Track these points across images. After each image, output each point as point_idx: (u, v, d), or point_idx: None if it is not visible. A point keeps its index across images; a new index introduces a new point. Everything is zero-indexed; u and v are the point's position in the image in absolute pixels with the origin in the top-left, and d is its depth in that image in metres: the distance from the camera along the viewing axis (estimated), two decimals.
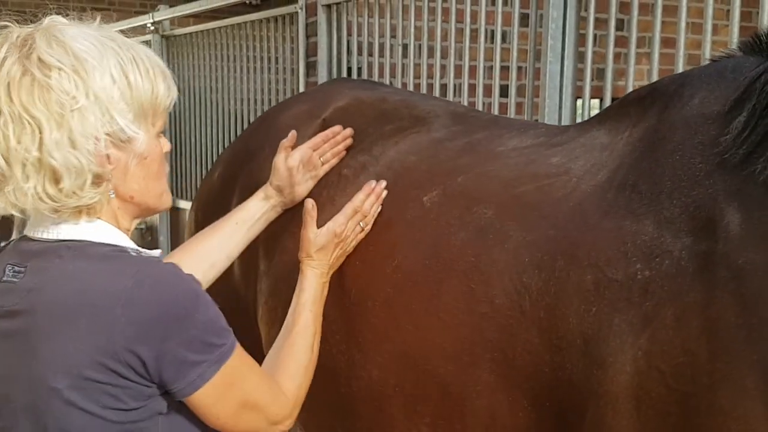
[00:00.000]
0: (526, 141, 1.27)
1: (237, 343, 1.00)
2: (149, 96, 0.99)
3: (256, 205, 1.43)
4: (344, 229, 1.28)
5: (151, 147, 1.01)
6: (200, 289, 0.97)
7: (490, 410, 1.09)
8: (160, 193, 1.06)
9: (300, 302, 1.23)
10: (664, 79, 1.17)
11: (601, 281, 0.98)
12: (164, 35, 3.71)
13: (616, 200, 1.03)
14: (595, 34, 1.92)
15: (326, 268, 1.27)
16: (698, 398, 0.89)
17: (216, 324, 0.97)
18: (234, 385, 0.99)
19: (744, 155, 0.94)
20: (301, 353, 1.16)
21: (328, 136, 1.48)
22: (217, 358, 0.96)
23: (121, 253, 0.97)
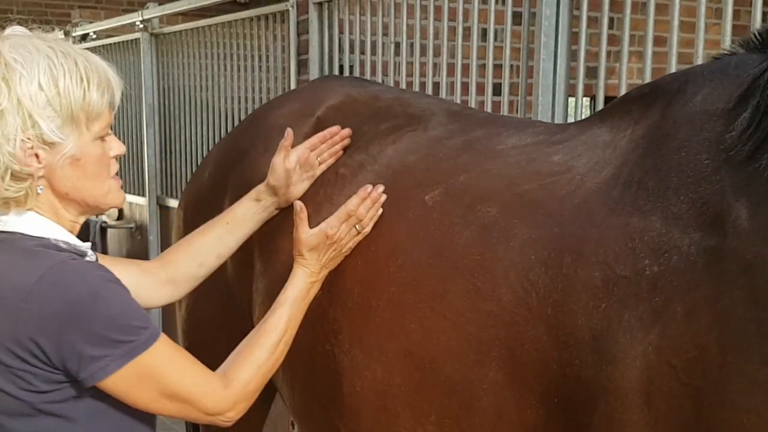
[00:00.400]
0: (526, 139, 1.26)
1: (157, 340, 1.05)
2: (80, 103, 1.05)
3: (248, 206, 1.43)
4: (336, 231, 1.27)
5: (85, 150, 1.08)
6: (103, 289, 1.02)
7: (498, 408, 1.08)
8: (102, 193, 1.12)
9: (279, 299, 1.24)
10: (667, 77, 1.17)
11: (609, 278, 0.98)
12: (153, 33, 3.66)
13: (622, 197, 1.02)
14: (588, 32, 1.92)
15: (317, 267, 1.27)
16: (710, 392, 0.89)
17: (119, 321, 1.03)
18: (150, 377, 1.05)
19: (750, 152, 0.93)
20: (261, 350, 1.17)
21: (326, 137, 1.46)
22: (123, 353, 1.02)
23: (43, 250, 1.05)
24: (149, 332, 1.04)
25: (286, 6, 2.80)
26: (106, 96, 1.08)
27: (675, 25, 1.72)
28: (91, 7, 6.07)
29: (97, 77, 1.06)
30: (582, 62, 1.90)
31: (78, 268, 1.03)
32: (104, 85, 1.08)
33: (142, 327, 1.04)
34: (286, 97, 1.78)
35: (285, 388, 1.47)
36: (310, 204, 1.40)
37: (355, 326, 1.26)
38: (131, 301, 1.06)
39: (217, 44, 3.26)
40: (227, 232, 1.40)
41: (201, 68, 3.40)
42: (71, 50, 1.07)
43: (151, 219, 3.71)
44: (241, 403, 1.14)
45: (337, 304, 1.29)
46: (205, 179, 1.76)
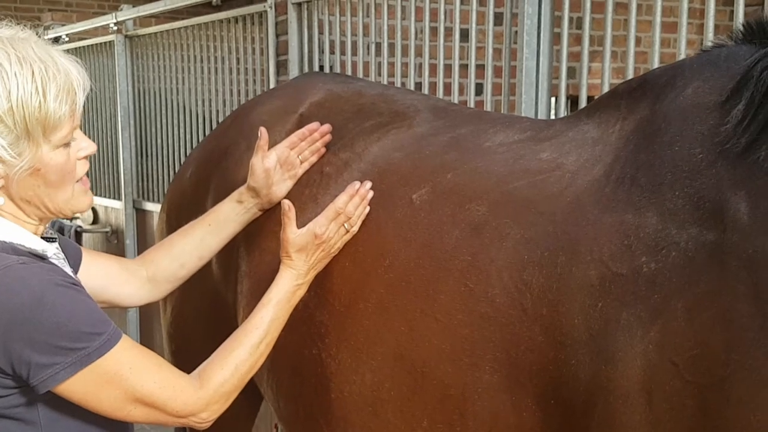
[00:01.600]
0: (513, 136, 1.21)
1: (116, 343, 1.00)
2: (36, 115, 0.99)
3: (230, 207, 1.38)
4: (325, 230, 1.21)
5: (44, 160, 1.02)
6: (49, 294, 0.97)
7: (493, 411, 1.03)
8: (65, 200, 1.07)
9: (263, 300, 1.19)
10: (655, 71, 1.13)
11: (606, 276, 0.94)
12: (128, 35, 3.56)
13: (616, 194, 0.98)
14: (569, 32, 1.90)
15: (304, 269, 1.21)
16: (715, 390, 0.85)
17: (67, 328, 0.97)
18: (109, 383, 1.00)
19: (747, 144, 0.90)
20: (240, 350, 1.12)
21: (305, 134, 1.40)
22: (74, 361, 0.97)
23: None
24: (105, 337, 0.99)
25: (264, 7, 2.74)
26: (65, 104, 1.00)
27: (658, 23, 1.70)
28: (62, 9, 5.94)
29: (55, 85, 0.99)
30: (564, 61, 1.88)
31: (24, 273, 0.97)
32: (63, 91, 1.00)
33: (95, 333, 0.98)
34: (268, 94, 1.72)
35: (270, 393, 1.41)
36: (295, 204, 1.34)
37: (342, 329, 1.20)
38: (84, 305, 1.00)
39: (194, 46, 3.19)
40: (209, 233, 1.35)
41: (177, 70, 3.32)
42: (29, 54, 0.99)
43: (127, 223, 3.60)
44: (215, 404, 1.08)
45: (324, 306, 1.24)
46: (188, 179, 1.69)
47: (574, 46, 2.09)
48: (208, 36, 3.10)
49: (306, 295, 1.24)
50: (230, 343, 1.13)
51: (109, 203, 3.79)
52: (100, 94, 3.81)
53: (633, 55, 1.75)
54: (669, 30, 2.12)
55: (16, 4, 5.86)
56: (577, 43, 1.91)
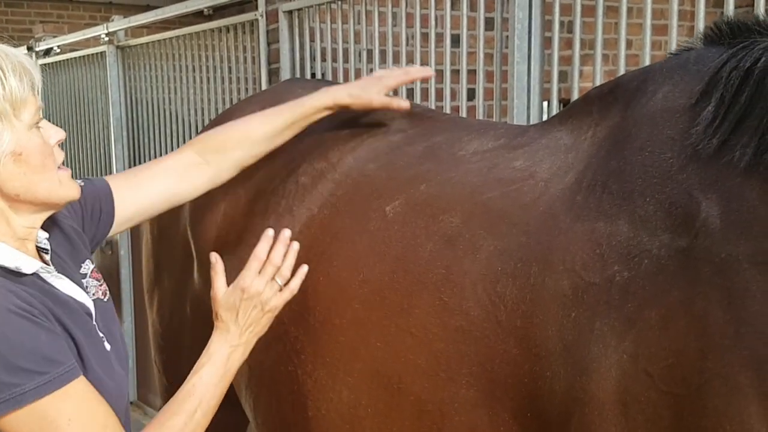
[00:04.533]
0: (487, 144, 1.22)
1: (61, 387, 0.93)
2: (2, 93, 0.97)
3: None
4: (251, 283, 1.13)
5: (22, 142, 0.99)
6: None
7: (470, 426, 1.03)
8: (54, 185, 1.03)
9: (195, 367, 1.12)
10: (625, 76, 1.13)
11: (578, 286, 0.94)
12: (119, 46, 3.62)
13: (587, 202, 0.98)
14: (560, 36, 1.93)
15: (236, 332, 1.13)
16: (690, 399, 0.84)
17: (6, 360, 0.91)
18: (44, 428, 0.93)
19: (718, 145, 0.90)
20: (175, 419, 1.06)
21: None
22: (7, 397, 0.91)
23: None
24: (47, 378, 0.93)
25: (255, 15, 2.77)
26: (25, 79, 0.99)
27: (648, 25, 1.72)
28: (53, 21, 6.03)
29: (10, 63, 0.98)
30: (555, 65, 1.90)
31: None
32: (20, 69, 0.99)
33: (35, 371, 0.92)
34: (248, 101, 1.73)
35: (248, 410, 1.41)
36: (272, 216, 1.37)
37: (318, 345, 1.21)
38: (31, 339, 0.93)
39: (185, 56, 3.23)
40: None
41: (169, 80, 3.36)
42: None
43: (121, 234, 3.65)
44: None
45: (299, 322, 1.24)
46: None
47: (565, 49, 2.10)
48: (199, 45, 3.14)
49: (281, 312, 1.25)
50: (166, 413, 1.08)
51: None
52: (93, 105, 3.86)
53: (624, 58, 1.77)
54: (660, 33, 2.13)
55: (7, 17, 5.97)
56: (568, 47, 1.93)
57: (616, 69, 1.76)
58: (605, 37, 1.86)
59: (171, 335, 1.74)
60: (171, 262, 1.70)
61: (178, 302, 1.65)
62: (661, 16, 2.47)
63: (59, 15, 6.33)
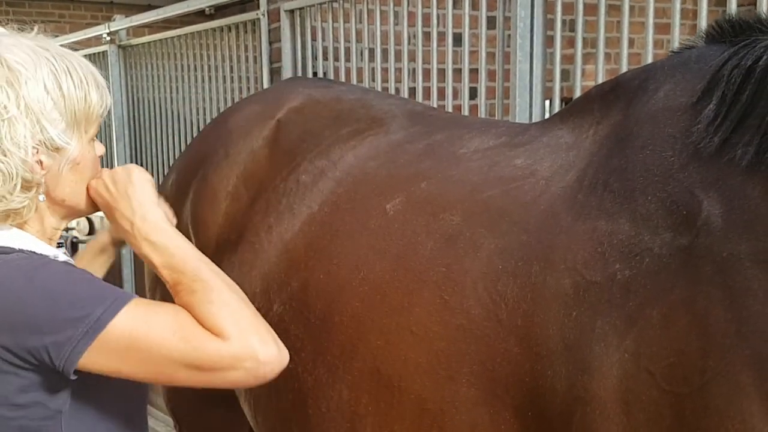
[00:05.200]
0: (488, 142, 1.21)
1: (125, 305, 0.94)
2: (82, 105, 1.02)
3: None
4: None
5: (83, 153, 1.05)
6: (40, 271, 0.95)
7: (471, 425, 1.02)
8: None
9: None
10: (627, 74, 1.12)
11: (579, 284, 0.93)
12: (121, 45, 3.62)
13: (588, 201, 0.98)
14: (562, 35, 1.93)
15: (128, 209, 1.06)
16: (692, 399, 0.84)
17: (65, 298, 0.94)
18: (131, 348, 0.94)
19: (719, 143, 0.90)
20: (211, 283, 0.98)
21: None
22: (86, 329, 0.93)
23: (3, 256, 0.99)
24: (109, 301, 0.95)
25: (257, 14, 2.78)
26: (104, 99, 1.05)
27: (651, 24, 1.72)
28: (55, 21, 6.06)
29: (93, 79, 1.04)
30: (558, 64, 1.90)
31: (19, 262, 0.98)
32: (101, 87, 1.05)
33: (96, 296, 0.95)
34: (248, 100, 1.73)
35: (247, 408, 1.40)
36: (272, 214, 1.36)
37: (318, 343, 1.20)
38: (79, 276, 0.98)
39: (187, 55, 3.24)
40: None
41: (171, 80, 3.37)
42: (63, 50, 1.03)
43: None
44: (254, 336, 0.94)
45: (299, 320, 1.24)
46: (170, 187, 1.70)
47: (567, 48, 2.10)
48: (201, 45, 3.14)
49: (281, 308, 1.25)
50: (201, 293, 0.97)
51: None
52: None
53: (626, 56, 1.77)
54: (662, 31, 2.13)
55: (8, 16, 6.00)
56: (571, 46, 1.92)
57: (618, 68, 1.75)
58: (607, 36, 1.86)
59: None
60: None
61: None
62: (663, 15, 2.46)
63: (61, 14, 6.35)
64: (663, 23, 2.01)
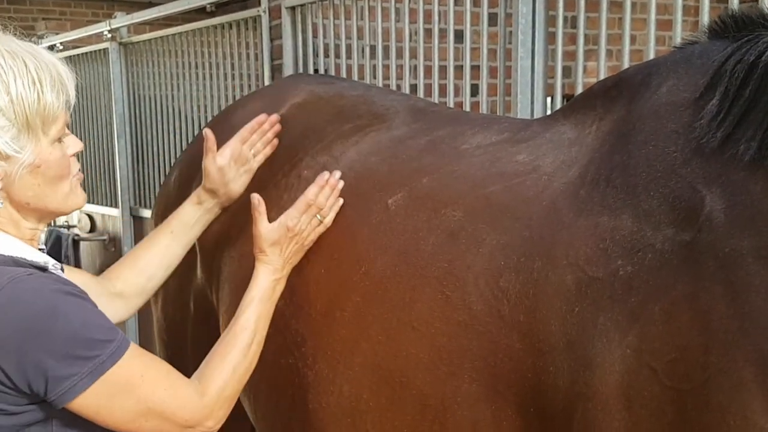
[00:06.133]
0: (490, 137, 1.21)
1: (126, 350, 1.00)
2: (36, 107, 0.99)
3: (191, 210, 1.39)
4: (297, 222, 1.22)
5: (44, 155, 1.02)
6: (62, 303, 0.97)
7: (473, 421, 1.02)
8: (63, 196, 1.07)
9: (245, 301, 1.19)
10: (629, 70, 1.12)
11: (582, 280, 0.93)
12: (122, 42, 3.62)
13: (591, 196, 0.98)
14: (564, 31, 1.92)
15: (280, 263, 1.22)
16: (694, 395, 0.84)
17: (82, 335, 0.97)
18: (121, 393, 0.99)
19: (722, 139, 0.89)
20: (233, 353, 1.12)
21: (254, 127, 1.42)
22: (91, 369, 0.96)
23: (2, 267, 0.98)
24: (115, 344, 0.99)
25: (258, 11, 2.77)
26: (61, 96, 1.02)
27: (653, 20, 1.72)
28: (55, 18, 6.05)
29: (49, 76, 1.00)
30: (560, 61, 1.90)
31: (33, 284, 0.97)
32: (58, 84, 1.01)
33: (106, 340, 0.98)
34: (250, 97, 1.73)
35: (247, 404, 1.40)
36: (274, 209, 1.36)
37: (318, 339, 1.20)
38: (93, 313, 1.00)
39: (188, 52, 3.23)
40: (173, 240, 1.36)
41: (172, 77, 3.36)
42: (17, 48, 1.00)
43: (124, 230, 3.64)
44: (220, 411, 1.08)
45: (300, 316, 1.23)
46: (172, 184, 1.71)
47: (569, 45, 2.10)
48: (202, 42, 3.14)
49: (281, 304, 1.25)
50: (222, 348, 1.13)
51: (106, 211, 3.83)
52: (96, 101, 3.87)
53: (628, 53, 1.76)
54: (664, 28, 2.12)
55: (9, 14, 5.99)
56: (572, 42, 1.92)
57: (620, 64, 1.75)
58: (609, 33, 1.86)
59: (175, 331, 1.74)
60: None
61: (182, 298, 1.66)
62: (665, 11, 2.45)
63: (62, 12, 6.34)
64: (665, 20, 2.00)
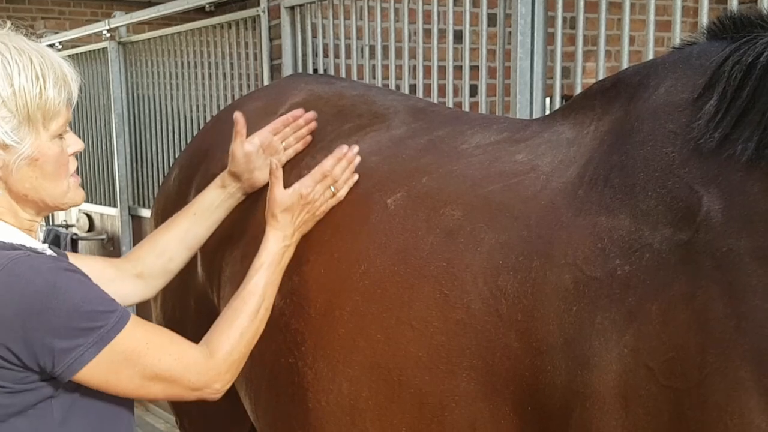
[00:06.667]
0: (489, 137, 1.22)
1: (128, 320, 1.03)
2: (37, 101, 1.02)
3: (214, 193, 1.39)
4: (311, 191, 1.24)
5: (43, 149, 1.05)
6: (60, 278, 0.99)
7: (471, 419, 1.03)
8: (61, 193, 1.09)
9: (254, 266, 1.20)
10: (628, 70, 1.13)
11: (579, 280, 0.94)
12: (121, 42, 3.62)
13: (589, 196, 0.98)
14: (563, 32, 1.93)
15: (290, 230, 1.23)
16: (690, 394, 0.84)
17: (83, 309, 1.00)
18: (127, 361, 1.03)
19: (720, 139, 0.90)
20: (241, 317, 1.14)
21: (288, 121, 1.42)
22: (96, 340, 1.00)
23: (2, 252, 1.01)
24: (117, 315, 1.02)
25: (257, 11, 2.78)
26: (63, 93, 1.05)
27: (652, 20, 1.72)
28: (55, 17, 6.05)
29: (53, 74, 1.03)
30: (558, 61, 1.90)
31: (33, 262, 1.00)
32: (61, 81, 1.04)
33: (108, 311, 1.02)
34: (250, 96, 1.73)
35: (248, 403, 1.41)
36: None
37: (318, 337, 1.21)
38: (92, 287, 1.03)
39: (187, 52, 3.24)
40: (194, 223, 1.37)
41: (171, 76, 3.36)
42: (25, 46, 1.03)
43: (123, 230, 3.65)
44: (227, 374, 1.11)
45: (299, 314, 1.24)
46: (172, 182, 1.72)
47: (568, 45, 2.10)
48: (201, 41, 3.14)
49: (281, 303, 1.26)
50: (230, 313, 1.15)
51: (105, 210, 3.83)
52: (95, 101, 3.86)
53: (627, 54, 1.77)
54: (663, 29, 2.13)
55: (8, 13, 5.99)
56: (571, 43, 1.92)
57: (618, 65, 1.75)
58: (608, 33, 1.86)
59: (174, 329, 1.74)
60: None
61: (182, 296, 1.66)
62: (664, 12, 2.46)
63: (61, 11, 6.34)
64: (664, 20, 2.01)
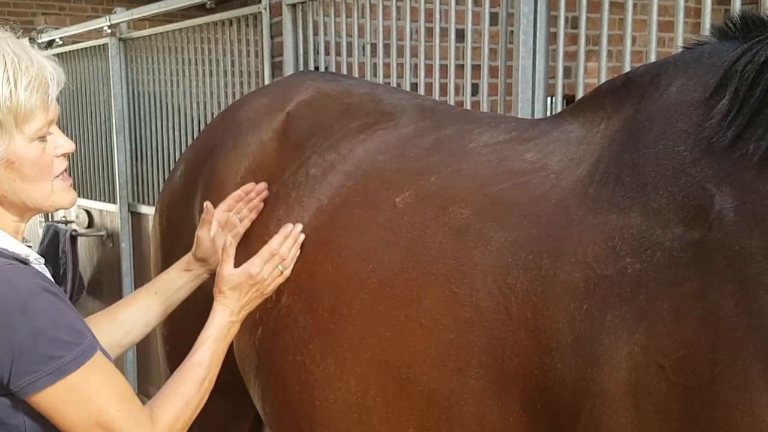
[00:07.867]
0: (498, 136, 1.21)
1: (90, 359, 1.01)
2: (8, 104, 1.00)
3: (177, 276, 1.40)
4: (260, 271, 1.26)
5: (18, 152, 1.03)
6: (34, 299, 0.98)
7: (479, 417, 1.03)
8: (43, 195, 1.07)
9: (202, 337, 1.22)
10: (639, 69, 1.12)
11: (590, 278, 0.93)
12: (122, 38, 3.59)
13: (599, 195, 0.98)
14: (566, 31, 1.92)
15: (237, 307, 1.25)
16: (701, 392, 0.84)
17: (49, 333, 0.98)
18: (76, 403, 1.00)
19: (732, 138, 0.89)
20: (187, 386, 1.14)
21: (241, 196, 1.43)
22: (52, 370, 0.98)
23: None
24: (80, 349, 1.00)
25: (259, 8, 2.76)
26: (37, 95, 1.02)
27: (654, 20, 1.71)
28: (55, 13, 6.00)
29: (26, 76, 1.01)
30: (561, 61, 1.89)
31: (11, 275, 0.98)
32: (35, 82, 1.01)
33: (73, 342, 1.00)
34: (256, 93, 1.72)
35: (256, 399, 1.41)
36: (281, 207, 1.36)
37: (326, 335, 1.20)
38: (64, 312, 1.01)
39: (188, 49, 3.21)
40: (155, 301, 1.37)
41: (171, 73, 3.34)
42: (4, 48, 1.01)
43: (122, 226, 3.62)
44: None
45: (308, 312, 1.24)
46: (177, 179, 1.70)
47: (570, 45, 2.10)
48: (202, 38, 3.12)
49: (290, 300, 1.25)
50: (176, 381, 1.15)
51: (104, 206, 3.81)
52: (95, 97, 3.84)
53: (629, 54, 1.76)
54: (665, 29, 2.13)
55: (9, 8, 5.95)
56: (573, 43, 1.92)
57: (620, 65, 1.75)
58: (610, 33, 1.85)
59: (176, 326, 1.73)
60: (179, 254, 1.69)
61: None
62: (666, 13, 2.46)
63: (61, 7, 6.30)
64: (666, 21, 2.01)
